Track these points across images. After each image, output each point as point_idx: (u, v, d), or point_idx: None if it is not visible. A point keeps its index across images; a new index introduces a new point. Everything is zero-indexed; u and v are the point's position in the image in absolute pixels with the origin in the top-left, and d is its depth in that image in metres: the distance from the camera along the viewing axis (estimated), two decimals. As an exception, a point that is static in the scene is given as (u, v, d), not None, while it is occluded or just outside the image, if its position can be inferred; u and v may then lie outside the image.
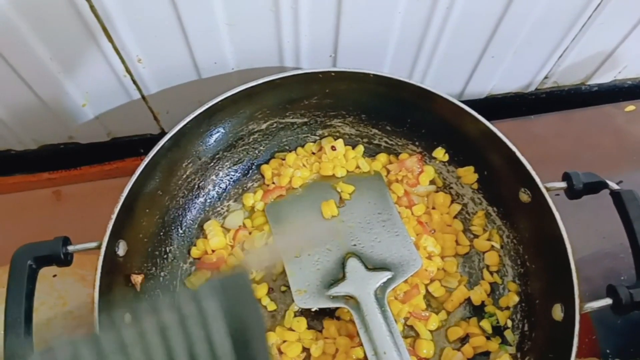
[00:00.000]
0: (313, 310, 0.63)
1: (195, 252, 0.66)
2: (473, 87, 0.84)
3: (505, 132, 0.61)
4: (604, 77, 0.90)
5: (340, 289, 0.59)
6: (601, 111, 0.88)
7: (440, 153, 0.69)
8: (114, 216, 0.55)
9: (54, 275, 0.72)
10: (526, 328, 0.60)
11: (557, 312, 0.55)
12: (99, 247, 0.54)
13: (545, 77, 0.87)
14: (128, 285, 0.59)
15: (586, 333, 0.71)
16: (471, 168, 0.67)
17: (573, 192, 0.57)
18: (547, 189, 0.58)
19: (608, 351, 0.68)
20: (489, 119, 0.61)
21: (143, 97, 0.74)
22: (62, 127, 0.77)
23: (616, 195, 0.57)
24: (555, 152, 0.82)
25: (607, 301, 0.53)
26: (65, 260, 0.54)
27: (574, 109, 0.87)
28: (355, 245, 0.63)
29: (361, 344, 0.59)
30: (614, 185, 0.57)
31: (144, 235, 0.61)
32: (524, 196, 0.60)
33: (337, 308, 0.63)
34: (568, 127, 0.86)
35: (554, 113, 0.87)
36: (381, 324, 0.56)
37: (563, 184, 0.58)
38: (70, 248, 0.55)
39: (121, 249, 0.57)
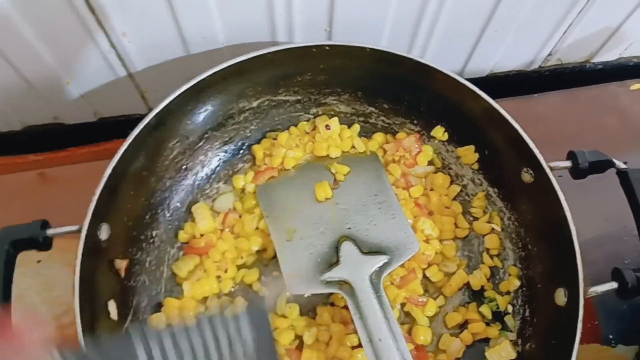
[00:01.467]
0: (306, 296, 0.61)
1: (182, 236, 0.63)
2: (474, 64, 0.81)
3: (508, 111, 0.58)
4: (609, 55, 0.87)
5: (334, 274, 0.57)
6: (606, 90, 0.85)
7: (439, 132, 0.66)
8: (95, 198, 0.52)
9: (39, 261, 0.70)
10: (527, 313, 0.58)
11: (560, 297, 0.53)
12: (79, 231, 0.51)
13: (549, 55, 0.83)
14: (112, 270, 0.57)
15: (588, 318, 0.68)
16: (471, 147, 0.64)
17: (578, 172, 0.55)
18: (551, 169, 0.55)
19: (610, 336, 0.67)
20: (492, 98, 0.58)
21: (130, 75, 0.71)
22: (47, 106, 0.74)
23: (623, 175, 0.54)
24: (558, 132, 0.79)
25: (612, 285, 0.51)
26: (44, 244, 0.52)
27: (578, 87, 0.84)
28: (350, 228, 0.61)
29: (356, 331, 0.58)
30: (620, 164, 0.55)
31: (128, 219, 0.59)
32: (527, 176, 0.58)
33: (331, 294, 0.61)
34: (572, 106, 0.83)
35: (558, 92, 0.84)
36: (376, 310, 0.53)
37: (567, 163, 0.56)
38: (50, 231, 0.52)
39: (104, 233, 0.54)
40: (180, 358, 0.31)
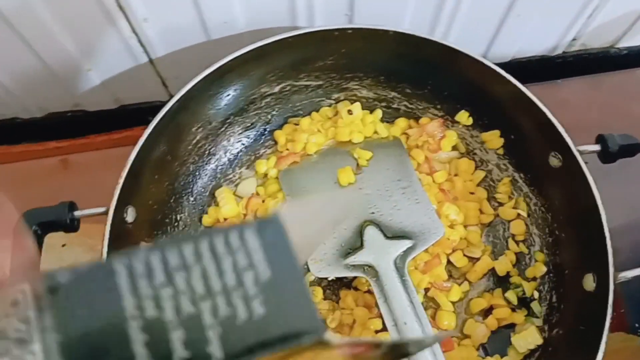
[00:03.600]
0: (329, 280, 0.61)
1: (206, 220, 0.63)
2: (497, 49, 0.80)
3: None
4: (635, 40, 0.85)
5: (358, 258, 0.57)
6: (632, 75, 0.83)
7: (463, 116, 0.65)
8: (121, 181, 0.53)
9: (63, 245, 0.71)
10: (554, 299, 0.58)
11: (589, 283, 0.52)
12: (106, 213, 0.52)
13: (573, 40, 0.82)
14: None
15: (615, 307, 0.67)
16: (497, 132, 0.63)
17: (607, 155, 0.54)
18: (580, 153, 0.54)
19: (637, 325, 0.66)
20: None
21: (151, 61, 0.70)
22: (68, 93, 0.75)
23: (654, 158, 0.53)
24: (583, 118, 0.78)
25: (644, 270, 0.50)
26: (71, 226, 0.52)
27: (603, 73, 0.83)
28: (373, 213, 0.60)
29: (379, 315, 0.57)
30: (652, 148, 0.54)
31: (153, 202, 0.59)
32: (554, 161, 0.57)
33: (354, 278, 0.61)
34: (596, 92, 0.82)
35: (582, 77, 0.82)
36: (401, 293, 0.53)
37: (597, 147, 0.55)
38: (77, 213, 0.52)
39: (130, 215, 0.55)
40: (172, 290, 0.22)
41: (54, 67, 0.68)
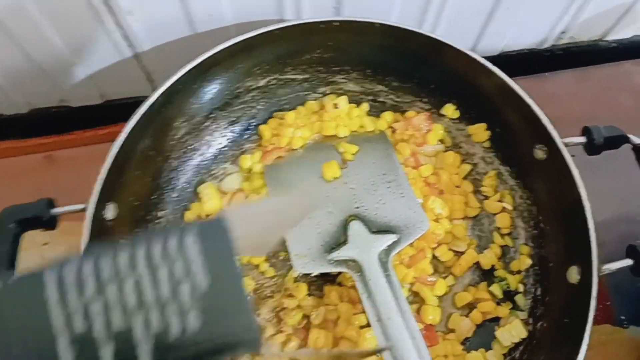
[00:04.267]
0: (314, 276, 0.60)
1: (189, 216, 0.63)
2: (486, 43, 0.79)
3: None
4: (624, 33, 0.84)
5: (342, 253, 0.56)
6: (620, 68, 0.83)
7: (450, 110, 0.65)
8: (101, 177, 0.52)
9: (45, 244, 0.70)
10: (539, 292, 0.57)
11: (573, 275, 0.52)
12: (85, 210, 0.51)
13: (562, 33, 0.82)
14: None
15: (601, 299, 0.67)
16: (483, 125, 0.63)
17: (593, 147, 0.53)
18: (565, 145, 0.54)
19: (622, 317, 0.66)
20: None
21: (136, 55, 0.70)
22: (53, 88, 0.74)
23: (638, 150, 0.53)
24: (571, 112, 0.77)
25: (628, 262, 0.50)
26: (50, 223, 0.51)
27: (591, 65, 0.83)
28: (358, 207, 0.60)
29: (364, 311, 0.57)
30: (635, 139, 0.54)
31: (135, 199, 0.58)
32: (540, 153, 0.57)
33: (338, 274, 0.60)
34: (585, 85, 0.81)
35: (570, 70, 0.82)
36: (385, 288, 0.53)
37: (582, 139, 0.54)
38: (55, 210, 0.52)
39: (110, 212, 0.54)
40: (103, 303, 0.22)
41: (40, 61, 0.67)
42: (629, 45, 0.87)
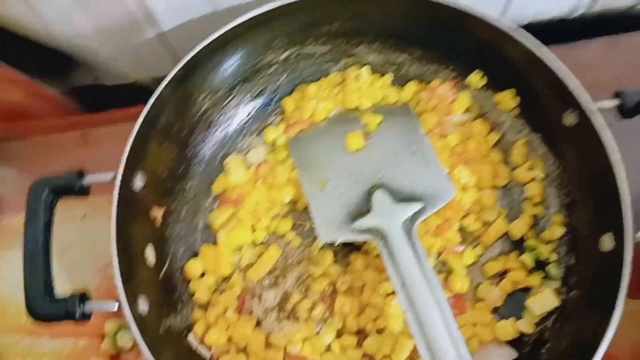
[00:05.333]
0: (339, 245, 0.60)
1: (216, 188, 0.64)
2: (514, 11, 0.77)
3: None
4: (658, -1, 0.80)
5: (366, 222, 0.56)
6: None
7: (476, 78, 0.63)
8: (128, 145, 0.54)
9: (83, 216, 0.73)
10: (572, 261, 0.56)
11: (607, 243, 0.50)
12: (114, 179, 0.53)
13: (593, 0, 0.78)
14: (148, 219, 0.58)
15: (637, 271, 0.65)
16: (512, 91, 0.61)
17: (625, 110, 0.51)
18: (597, 110, 0.52)
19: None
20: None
21: (160, 34, 0.71)
22: (87, 68, 0.76)
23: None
24: (602, 80, 0.72)
25: (665, 228, 0.48)
26: (81, 191, 0.53)
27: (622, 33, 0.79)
28: (382, 177, 0.59)
29: (389, 279, 0.57)
30: (672, 102, 0.51)
31: (162, 170, 0.60)
32: (570, 119, 0.55)
33: (364, 243, 0.60)
34: (616, 52, 0.78)
35: (601, 38, 0.78)
36: (409, 255, 0.52)
37: (614, 102, 0.52)
38: (86, 179, 0.54)
39: (139, 181, 0.56)
40: None
41: (70, 43, 0.69)
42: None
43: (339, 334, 0.57)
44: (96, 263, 0.68)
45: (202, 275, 0.60)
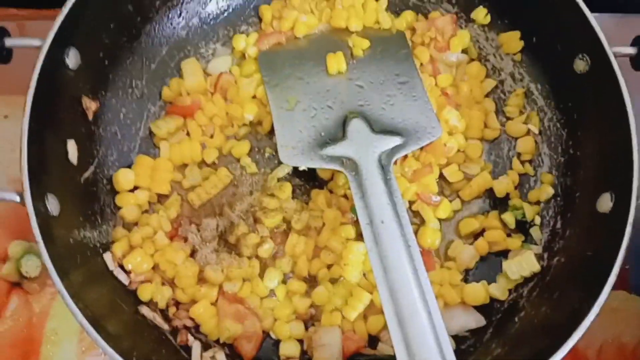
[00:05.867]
0: (301, 179, 0.53)
1: (167, 92, 0.55)
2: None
3: None
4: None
5: (337, 149, 0.48)
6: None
7: (481, 14, 0.56)
8: (64, 11, 0.44)
9: (6, 116, 0.63)
10: (558, 225, 0.50)
11: (605, 203, 0.45)
12: (40, 47, 0.43)
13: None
14: (76, 110, 0.48)
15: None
16: (517, 33, 0.55)
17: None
18: (613, 55, 0.46)
19: (640, 285, 0.58)
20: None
21: None
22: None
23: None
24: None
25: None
26: (2, 56, 0.43)
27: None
28: (362, 105, 0.52)
29: (353, 223, 0.49)
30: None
31: (104, 55, 0.50)
32: (581, 64, 0.49)
33: (329, 181, 0.52)
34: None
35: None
36: (382, 190, 0.45)
37: (632, 49, 0.46)
38: (9, 42, 0.44)
39: (72, 58, 0.46)
40: None
41: None
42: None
43: (286, 279, 0.50)
44: (11, 171, 0.58)
45: (134, 189, 0.51)
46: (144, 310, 0.46)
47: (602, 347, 0.56)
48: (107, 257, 0.47)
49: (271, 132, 0.53)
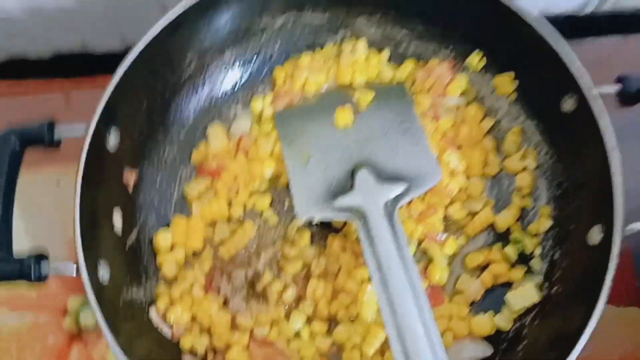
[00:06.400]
0: (318, 226, 0.58)
1: (195, 156, 0.61)
2: (522, 2, 0.74)
3: None
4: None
5: (347, 200, 0.53)
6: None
7: (476, 58, 0.60)
8: (104, 99, 0.51)
9: (58, 183, 0.70)
10: (557, 256, 0.53)
11: (595, 235, 0.48)
12: (86, 132, 0.50)
13: (606, -4, 0.75)
14: (120, 183, 0.55)
15: (629, 279, 0.63)
16: (511, 74, 0.58)
17: (626, 97, 0.49)
18: (597, 95, 0.49)
19: (653, 301, 0.60)
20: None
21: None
22: (74, 29, 0.74)
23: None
24: (609, 78, 0.72)
25: (655, 224, 0.45)
26: (52, 143, 0.51)
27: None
28: (368, 155, 0.57)
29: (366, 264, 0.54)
30: (677, 90, 0.48)
31: (140, 131, 0.57)
32: (569, 104, 0.52)
33: (344, 225, 0.57)
34: (626, 51, 0.75)
35: (612, 37, 0.76)
36: (388, 237, 0.50)
37: (615, 87, 0.50)
38: (58, 130, 0.51)
39: (113, 138, 0.53)
40: None
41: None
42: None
43: (309, 320, 0.55)
44: (67, 233, 0.65)
45: (172, 248, 0.57)
46: (187, 358, 0.53)
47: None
48: (152, 312, 0.54)
49: (288, 185, 0.58)
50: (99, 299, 0.46)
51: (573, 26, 0.79)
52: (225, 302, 0.55)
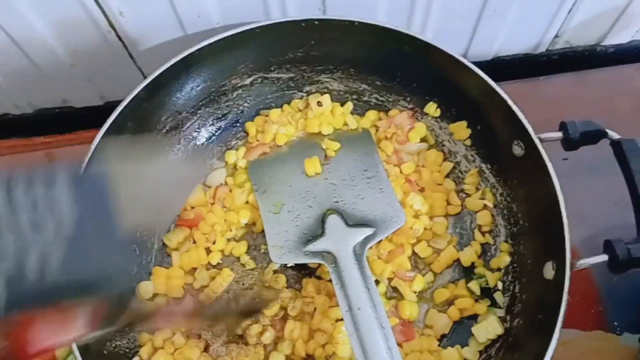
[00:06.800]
0: (293, 269, 0.61)
1: (173, 208, 0.64)
2: (477, 47, 0.79)
3: (512, 94, 0.56)
4: (621, 37, 0.83)
5: (317, 245, 0.57)
6: (619, 71, 0.81)
7: (432, 108, 0.65)
8: (86, 158, 0.54)
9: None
10: (517, 290, 0.57)
11: (549, 270, 0.52)
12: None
13: (556, 36, 0.81)
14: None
15: (592, 304, 0.66)
16: (464, 123, 0.63)
17: (569, 142, 0.53)
18: (542, 140, 0.54)
19: (616, 324, 0.64)
20: (496, 81, 0.57)
21: (130, 56, 0.72)
22: (55, 90, 0.77)
23: (616, 145, 0.52)
24: (566, 115, 0.76)
25: (603, 257, 0.49)
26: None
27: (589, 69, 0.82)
28: (337, 202, 0.60)
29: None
30: (614, 135, 0.53)
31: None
32: (518, 149, 0.56)
33: (318, 267, 0.61)
34: (581, 88, 0.80)
35: (567, 74, 0.81)
36: (357, 279, 0.53)
37: (558, 134, 0.54)
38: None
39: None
40: None
41: (41, 64, 0.70)
42: (627, 50, 0.86)
43: (288, 360, 0.57)
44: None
45: (153, 298, 0.60)
46: (170, 404, 0.55)
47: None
48: (136, 360, 0.56)
49: (263, 231, 0.61)
50: (82, 349, 0.48)
51: (528, 66, 0.85)
52: (206, 348, 0.57)
